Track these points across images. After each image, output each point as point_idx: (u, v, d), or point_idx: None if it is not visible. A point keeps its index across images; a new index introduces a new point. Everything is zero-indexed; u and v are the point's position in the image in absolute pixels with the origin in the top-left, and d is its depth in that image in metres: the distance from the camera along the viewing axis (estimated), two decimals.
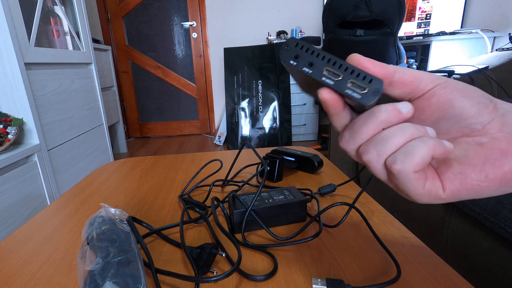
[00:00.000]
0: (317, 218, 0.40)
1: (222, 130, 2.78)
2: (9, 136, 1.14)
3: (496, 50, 1.28)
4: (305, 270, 0.32)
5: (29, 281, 0.32)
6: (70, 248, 0.38)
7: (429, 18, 2.46)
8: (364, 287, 0.28)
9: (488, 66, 1.05)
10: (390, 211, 0.77)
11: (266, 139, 2.57)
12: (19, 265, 0.35)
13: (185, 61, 3.05)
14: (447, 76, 0.95)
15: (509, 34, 1.58)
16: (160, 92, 3.13)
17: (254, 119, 2.58)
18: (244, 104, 2.58)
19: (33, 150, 1.22)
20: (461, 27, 2.37)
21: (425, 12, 2.46)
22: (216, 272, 0.32)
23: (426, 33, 2.48)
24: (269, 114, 2.57)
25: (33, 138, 1.26)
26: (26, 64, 1.21)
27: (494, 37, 2.20)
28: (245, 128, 2.58)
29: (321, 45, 2.33)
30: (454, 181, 0.18)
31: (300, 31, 2.75)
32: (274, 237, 0.36)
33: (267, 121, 2.57)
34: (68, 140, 1.50)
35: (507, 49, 1.23)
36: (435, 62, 2.21)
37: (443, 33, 2.24)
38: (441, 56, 2.19)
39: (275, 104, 2.56)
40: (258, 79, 2.57)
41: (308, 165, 0.58)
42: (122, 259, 0.27)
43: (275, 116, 2.57)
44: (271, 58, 2.56)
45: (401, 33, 2.54)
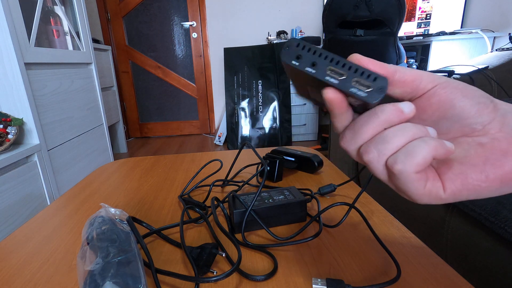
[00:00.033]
0: (317, 218, 0.40)
1: (222, 130, 2.78)
2: (9, 136, 1.14)
3: (496, 50, 1.28)
4: (305, 270, 0.32)
5: (29, 281, 0.32)
6: (70, 248, 0.38)
7: (429, 18, 2.46)
8: (364, 287, 0.28)
9: (488, 66, 1.05)
10: (390, 211, 0.77)
11: (266, 139, 2.57)
12: (19, 265, 0.35)
13: (185, 61, 3.05)
14: (447, 76, 0.95)
15: (509, 34, 1.58)
16: (160, 92, 3.13)
17: (254, 119, 2.58)
18: (244, 104, 2.58)
19: (33, 150, 1.22)
20: (461, 27, 2.37)
21: (425, 12, 2.46)
22: (216, 272, 0.32)
23: (426, 33, 2.48)
24: (269, 114, 2.57)
25: (33, 138, 1.26)
26: (26, 64, 1.21)
27: (494, 37, 2.20)
28: (245, 128, 2.58)
29: (321, 45, 2.33)
30: (455, 182, 0.18)
31: (300, 31, 2.75)
32: (274, 237, 0.36)
33: (267, 121, 2.57)
34: (68, 140, 1.50)
35: (507, 49, 1.23)
36: (435, 62, 2.21)
37: (443, 33, 2.24)
38: (441, 56, 2.19)
39: (275, 104, 2.56)
40: (258, 79, 2.57)
41: (308, 165, 0.58)
42: (122, 259, 0.27)
43: (275, 116, 2.57)
44: (271, 58, 2.56)
45: (401, 33, 2.54)
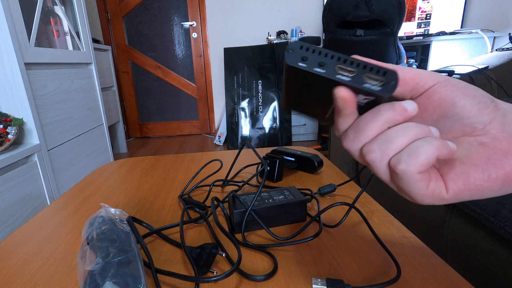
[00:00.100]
0: (317, 218, 0.40)
1: (222, 130, 2.78)
2: (9, 136, 1.14)
3: (496, 50, 1.28)
4: (305, 270, 0.32)
5: (29, 281, 0.32)
6: (70, 248, 0.38)
7: (429, 18, 2.46)
8: (364, 287, 0.28)
9: (488, 66, 1.05)
10: (390, 211, 0.77)
11: (266, 139, 2.57)
12: (19, 265, 0.35)
13: (185, 61, 3.05)
14: (447, 76, 0.95)
15: (509, 34, 1.58)
16: (160, 92, 3.13)
17: (254, 119, 2.58)
18: (244, 104, 2.58)
19: (33, 150, 1.22)
20: (461, 27, 2.37)
21: (425, 12, 2.46)
22: (216, 272, 0.32)
23: (426, 33, 2.48)
24: (269, 114, 2.57)
25: (33, 138, 1.26)
26: (26, 64, 1.21)
27: (494, 37, 2.20)
28: (245, 128, 2.58)
29: (321, 45, 2.33)
30: (457, 182, 0.18)
31: (300, 31, 2.75)
32: (274, 237, 0.36)
33: (267, 121, 2.57)
34: (68, 140, 1.50)
35: (507, 49, 1.23)
36: (435, 62, 2.21)
37: (443, 33, 2.24)
38: (441, 56, 2.19)
39: (275, 104, 2.56)
40: (258, 79, 2.57)
41: (308, 165, 0.58)
42: (122, 259, 0.27)
43: (275, 116, 2.57)
44: (271, 58, 2.56)
45: (401, 33, 2.54)
